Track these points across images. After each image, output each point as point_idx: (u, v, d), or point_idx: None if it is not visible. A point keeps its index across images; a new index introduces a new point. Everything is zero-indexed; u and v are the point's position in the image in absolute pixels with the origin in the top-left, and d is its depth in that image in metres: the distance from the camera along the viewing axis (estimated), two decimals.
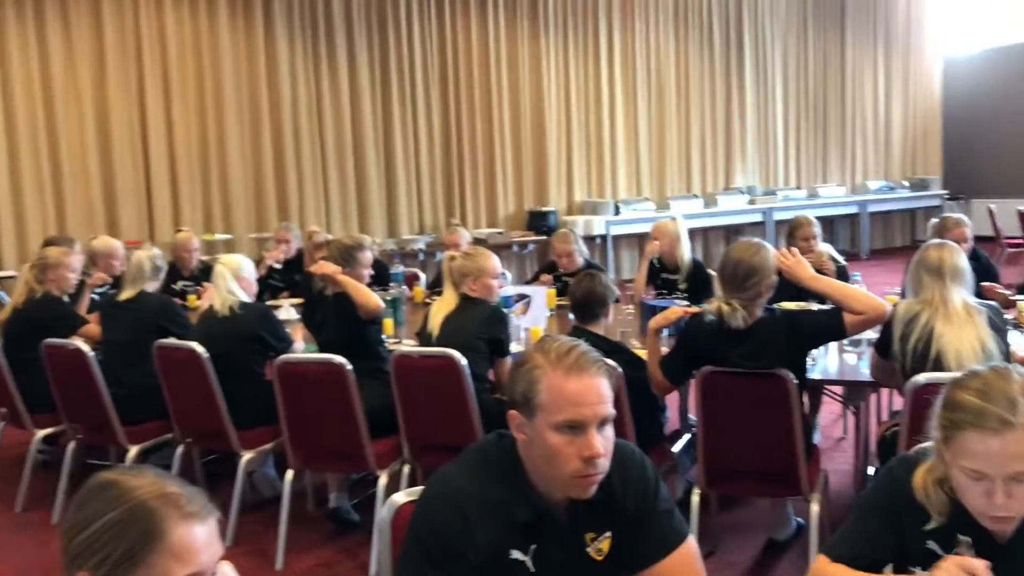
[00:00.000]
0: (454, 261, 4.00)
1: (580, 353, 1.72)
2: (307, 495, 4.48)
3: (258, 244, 9.01)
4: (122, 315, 4.54)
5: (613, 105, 11.54)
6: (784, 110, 13.17)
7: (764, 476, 3.44)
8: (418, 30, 10.07)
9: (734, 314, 3.26)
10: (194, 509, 1.32)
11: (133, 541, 1.26)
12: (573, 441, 1.68)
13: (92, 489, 1.33)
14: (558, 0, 11.02)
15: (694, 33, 12.17)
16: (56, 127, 8.33)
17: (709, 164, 12.51)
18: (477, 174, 10.62)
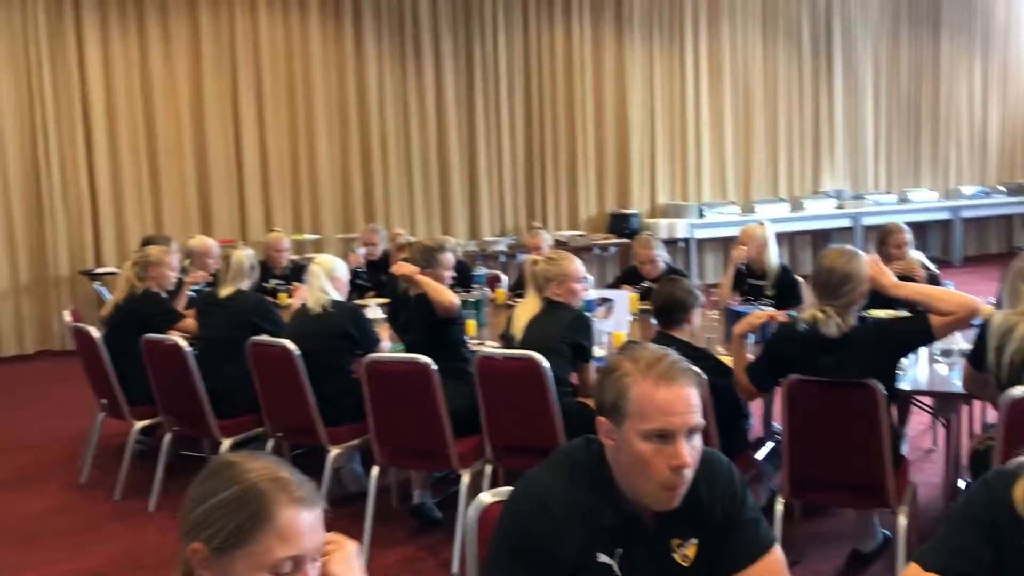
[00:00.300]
0: (537, 265, 4.02)
1: (671, 362, 1.74)
2: (392, 491, 4.57)
3: (345, 244, 9.20)
4: (219, 312, 4.71)
5: (698, 106, 11.43)
6: (875, 112, 12.86)
7: (850, 486, 3.39)
8: (503, 33, 10.15)
9: (828, 322, 3.23)
10: (302, 495, 1.39)
11: (243, 519, 1.35)
12: (662, 450, 1.70)
13: (213, 468, 1.42)
14: (643, 1, 10.97)
15: (782, 33, 11.98)
16: (155, 130, 8.65)
17: (796, 167, 12.29)
18: (559, 176, 10.64)
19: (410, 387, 3.79)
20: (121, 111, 8.50)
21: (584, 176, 10.76)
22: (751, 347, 4.12)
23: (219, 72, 8.83)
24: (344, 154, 9.43)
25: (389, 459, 4.06)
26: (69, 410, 6.54)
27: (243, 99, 8.94)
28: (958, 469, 4.08)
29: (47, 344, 8.48)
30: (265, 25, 8.97)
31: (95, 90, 8.38)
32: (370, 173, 9.56)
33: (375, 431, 3.97)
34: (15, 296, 8.28)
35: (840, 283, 3.25)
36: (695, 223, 10.69)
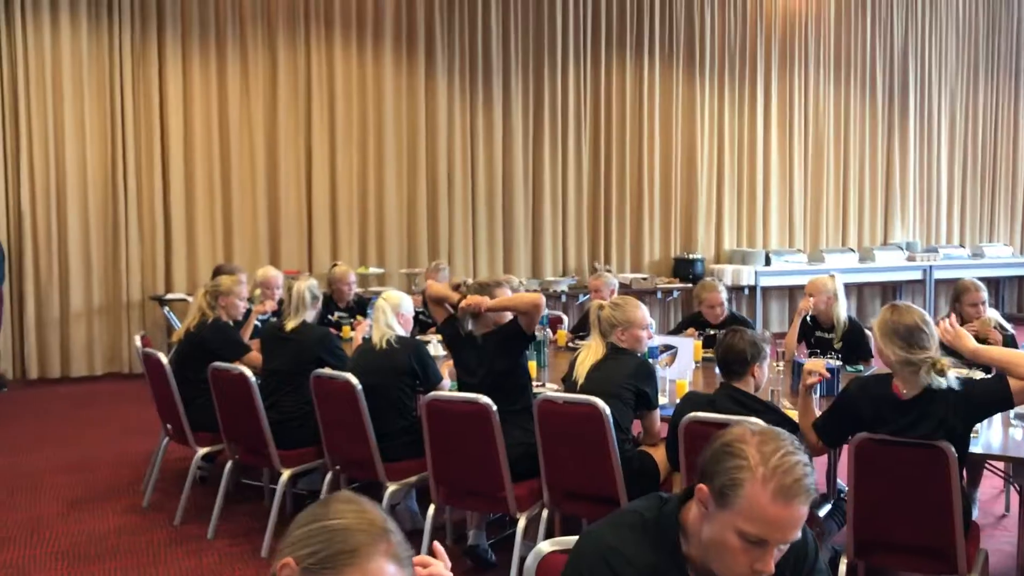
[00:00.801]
0: (603, 311, 4.01)
1: (796, 478, 1.63)
2: (447, 530, 4.56)
3: (408, 279, 9.29)
4: (284, 344, 4.77)
5: (768, 152, 11.35)
6: (949, 162, 12.63)
7: (918, 550, 3.29)
8: (573, 73, 10.22)
9: (917, 377, 3.12)
10: (400, 553, 1.43)
11: (340, 550, 1.39)
12: (750, 551, 1.65)
13: (334, 497, 1.48)
14: (716, 44, 10.97)
15: (855, 80, 11.86)
16: (229, 160, 8.87)
17: (867, 217, 12.10)
18: (624, 218, 10.62)
19: (469, 427, 3.78)
20: (197, 141, 8.74)
21: (649, 219, 10.72)
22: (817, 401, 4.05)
23: (293, 105, 9.04)
24: (411, 189, 9.55)
25: (445, 498, 4.05)
26: (135, 432, 6.68)
27: (316, 132, 9.13)
28: None
29: (116, 367, 8.69)
30: (340, 61, 9.17)
31: (173, 119, 8.63)
32: (436, 209, 9.66)
33: (432, 469, 3.97)
34: (88, 318, 8.51)
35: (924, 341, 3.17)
36: (761, 270, 10.57)
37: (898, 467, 3.15)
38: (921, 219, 12.49)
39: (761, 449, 1.65)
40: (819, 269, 10.15)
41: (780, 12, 11.33)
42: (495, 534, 4.49)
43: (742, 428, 1.71)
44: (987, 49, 12.76)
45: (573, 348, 5.81)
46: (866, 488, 3.24)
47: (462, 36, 9.68)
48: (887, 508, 3.24)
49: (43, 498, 5.27)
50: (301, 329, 4.77)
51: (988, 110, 12.86)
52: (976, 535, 3.40)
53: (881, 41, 11.99)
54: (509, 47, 9.89)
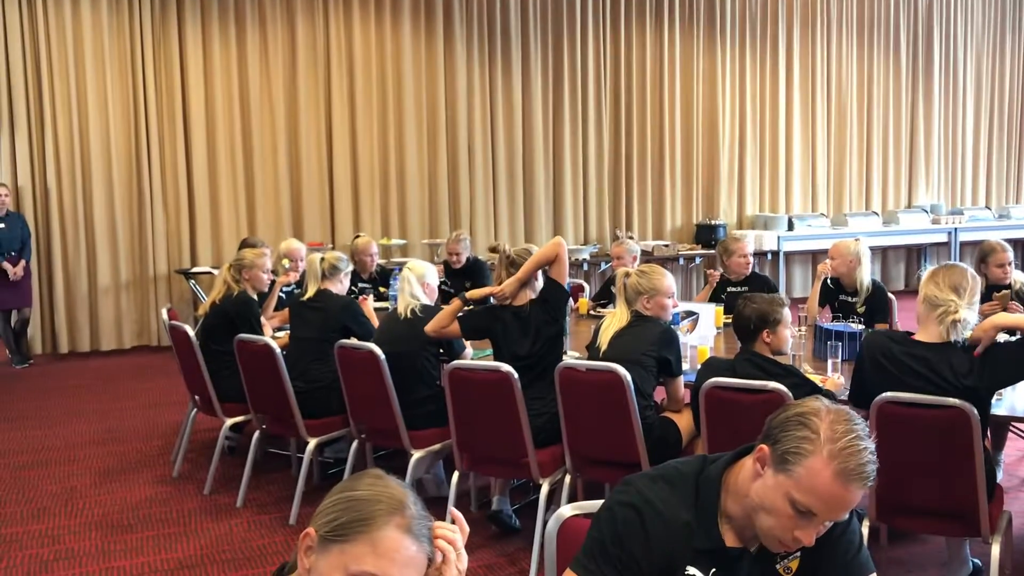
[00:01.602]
0: (629, 278, 4.01)
1: (861, 463, 1.64)
2: (471, 496, 4.62)
3: (431, 249, 9.32)
4: (309, 314, 4.83)
5: (790, 117, 11.25)
6: (975, 124, 12.46)
7: (941, 513, 3.29)
8: (592, 40, 10.15)
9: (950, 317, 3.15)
10: (415, 528, 1.43)
11: (354, 518, 1.41)
12: (797, 520, 1.68)
13: (363, 473, 1.50)
14: (736, 9, 10.85)
15: (879, 42, 11.70)
16: (250, 134, 8.91)
17: (891, 180, 11.98)
18: (645, 185, 10.59)
19: (493, 395, 3.82)
20: (219, 115, 8.78)
21: (671, 186, 10.68)
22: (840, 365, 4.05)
23: (313, 78, 9.05)
24: (432, 160, 9.56)
25: (469, 465, 4.10)
26: (164, 404, 6.79)
27: (336, 104, 9.14)
28: None
29: (144, 340, 8.81)
30: (359, 32, 9.16)
31: (194, 94, 8.67)
32: (457, 179, 9.67)
33: (456, 437, 4.01)
34: (115, 292, 8.62)
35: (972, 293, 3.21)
36: (784, 235, 10.52)
37: (920, 429, 3.15)
38: (945, 181, 12.35)
39: (833, 427, 1.67)
40: (842, 233, 10.08)
41: None
42: (519, 500, 4.55)
43: (819, 403, 1.73)
44: (1014, 7, 12.52)
45: (595, 316, 5.84)
46: (888, 450, 3.22)
47: (480, 5, 9.62)
48: (909, 470, 3.24)
49: (76, 470, 5.38)
50: (324, 298, 4.82)
51: (1016, 69, 12.65)
52: (1000, 498, 3.40)
53: (905, 2, 11.79)
54: (528, 15, 9.83)
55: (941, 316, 3.17)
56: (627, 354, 3.79)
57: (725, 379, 3.45)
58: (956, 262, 3.37)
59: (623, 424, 3.68)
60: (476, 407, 3.91)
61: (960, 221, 11.43)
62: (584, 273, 9.67)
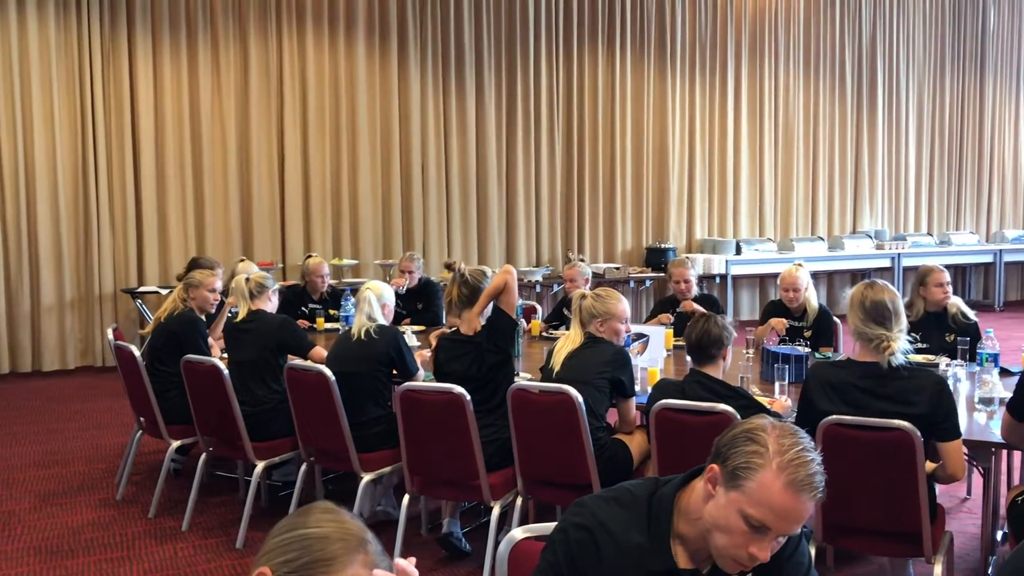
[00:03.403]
0: (584, 300, 4.04)
1: (810, 473, 1.68)
2: (421, 519, 4.59)
3: (383, 270, 9.29)
4: (244, 336, 4.76)
5: (738, 143, 11.44)
6: (916, 153, 12.79)
7: (885, 534, 3.35)
8: (545, 65, 10.24)
9: (888, 352, 3.21)
10: (380, 563, 1.41)
11: (316, 558, 1.38)
12: (751, 536, 1.69)
13: (312, 507, 1.46)
14: (687, 37, 11.03)
15: (825, 72, 11.97)
16: (201, 152, 8.82)
17: (836, 206, 12.24)
18: (597, 208, 10.68)
19: (444, 417, 3.81)
20: (169, 134, 8.68)
21: (622, 209, 10.78)
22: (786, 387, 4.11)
23: (265, 96, 9.00)
24: (385, 180, 9.55)
25: (420, 488, 4.07)
26: (108, 426, 6.65)
27: (288, 124, 9.09)
28: (996, 519, 4.02)
29: (88, 360, 8.63)
30: (312, 52, 9.14)
31: (144, 112, 8.57)
32: (410, 200, 9.66)
33: (407, 460, 3.99)
34: (59, 311, 8.45)
35: (898, 316, 3.28)
36: (732, 259, 10.67)
37: (865, 451, 3.21)
38: (889, 208, 12.65)
39: (781, 441, 1.70)
40: (789, 257, 10.26)
41: (750, 5, 11.40)
42: (469, 523, 4.53)
43: (764, 420, 1.76)
44: (953, 41, 12.92)
45: (548, 338, 5.86)
46: (834, 472, 3.27)
47: (434, 28, 9.67)
48: (855, 492, 3.30)
49: (16, 493, 5.24)
50: (258, 318, 4.76)
51: (955, 101, 13.03)
52: (942, 518, 3.47)
53: (850, 33, 12.10)
54: (482, 39, 9.89)
55: (875, 347, 3.25)
56: (580, 375, 3.81)
57: (675, 401, 3.48)
58: (875, 282, 3.41)
59: (575, 445, 3.69)
60: (427, 429, 3.89)
61: (903, 247, 11.71)
62: (537, 295, 9.71)
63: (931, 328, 4.91)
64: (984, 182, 13.35)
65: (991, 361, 4.25)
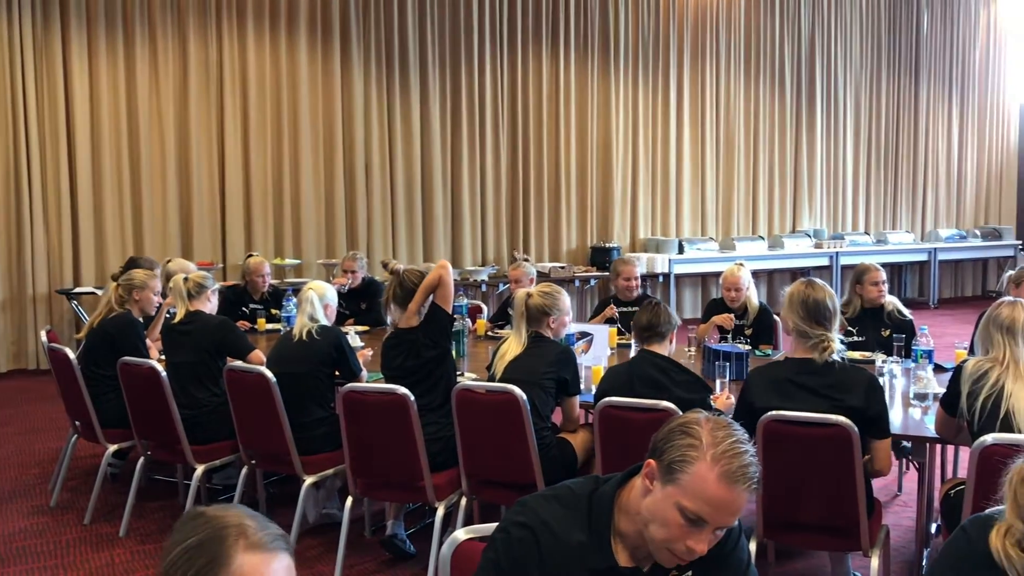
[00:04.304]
0: (531, 299, 4.04)
1: (743, 464, 1.69)
2: (365, 522, 4.55)
3: (327, 270, 9.20)
4: (181, 338, 4.66)
5: (680, 144, 11.56)
6: (854, 154, 13.05)
7: (824, 529, 3.41)
8: (490, 65, 10.23)
9: (827, 351, 3.30)
10: (261, 541, 1.38)
11: (202, 565, 1.34)
12: (688, 529, 1.70)
13: (186, 518, 1.42)
14: (629, 39, 11.11)
15: (765, 75, 12.15)
16: (138, 150, 8.64)
17: (776, 206, 12.43)
18: (542, 208, 10.70)
19: (387, 418, 3.78)
20: (105, 132, 8.48)
21: (567, 209, 10.82)
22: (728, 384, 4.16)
23: (205, 96, 8.85)
24: (328, 179, 9.45)
25: (364, 490, 4.04)
26: (42, 430, 6.48)
27: (228, 123, 8.95)
28: (930, 513, 4.11)
29: (21, 363, 8.41)
30: (253, 50, 9.01)
31: (79, 108, 8.37)
32: (354, 199, 9.58)
33: (350, 462, 3.95)
34: None
35: (834, 314, 3.38)
36: (675, 258, 10.78)
37: (804, 447, 3.26)
38: (828, 208, 12.89)
39: (714, 433, 1.72)
40: (730, 257, 10.40)
41: (692, 7, 11.53)
42: (414, 524, 4.50)
43: (698, 414, 1.78)
44: (889, 45, 13.20)
45: (493, 337, 5.85)
46: (774, 468, 3.33)
47: (378, 28, 9.60)
48: (795, 488, 3.35)
49: None
50: (196, 319, 4.67)
51: (891, 103, 13.32)
52: (878, 512, 3.54)
53: (789, 36, 12.30)
54: (426, 39, 9.85)
55: (815, 346, 3.33)
56: (527, 375, 3.81)
57: (619, 399, 3.51)
58: (814, 281, 3.52)
59: (520, 445, 3.69)
60: (371, 430, 3.86)
61: (841, 246, 11.95)
62: (483, 294, 9.70)
63: (867, 324, 5.06)
64: (919, 183, 13.68)
65: (925, 358, 4.35)
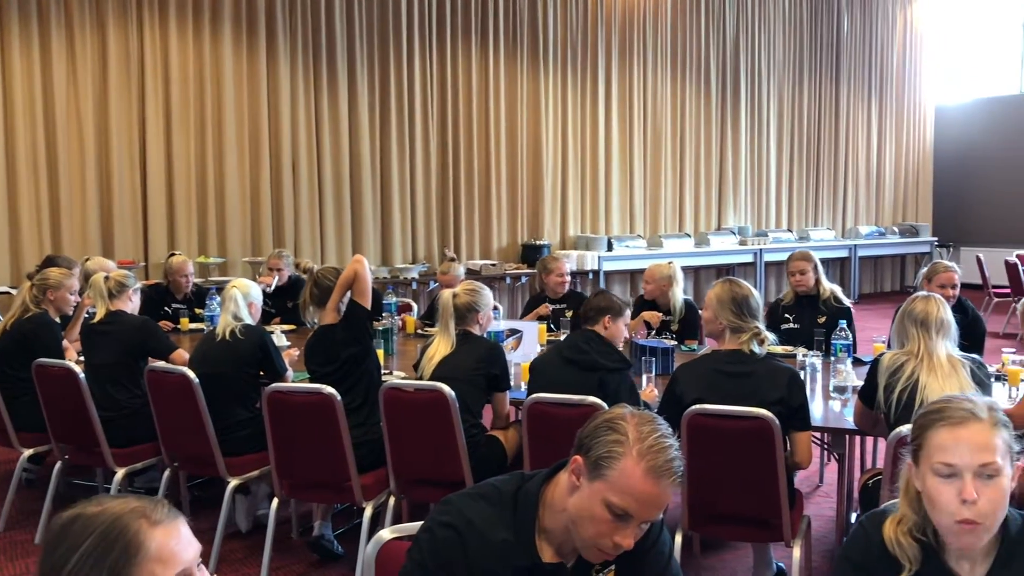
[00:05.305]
0: (458, 298, 4.03)
1: (669, 459, 1.71)
2: (292, 523, 4.48)
3: (252, 268, 9.04)
4: (101, 339, 4.54)
5: (609, 143, 11.65)
6: (777, 153, 13.33)
7: (747, 520, 3.47)
8: (419, 62, 10.17)
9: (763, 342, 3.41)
10: (162, 516, 1.35)
11: (114, 560, 1.29)
12: (614, 524, 1.71)
13: (58, 529, 1.34)
14: (559, 38, 11.15)
15: (691, 76, 12.32)
16: (56, 145, 8.36)
17: (702, 204, 12.62)
18: (473, 206, 10.68)
19: (313, 418, 3.73)
20: (19, 126, 8.18)
21: (497, 206, 10.82)
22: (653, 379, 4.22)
23: (126, 89, 8.60)
24: (254, 176, 9.28)
25: (290, 491, 3.98)
26: None
27: (150, 116, 8.72)
28: (850, 503, 4.22)
29: None
30: (176, 42, 8.79)
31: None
32: (280, 196, 9.43)
33: (276, 463, 3.89)
34: None
35: (758, 309, 3.48)
36: (604, 255, 10.87)
37: (727, 439, 3.31)
38: (752, 205, 13.14)
39: (640, 428, 1.73)
40: (658, 254, 10.52)
41: (619, 7, 11.62)
42: (342, 525, 4.46)
43: (624, 409, 1.79)
44: (811, 46, 13.51)
45: (423, 335, 5.82)
46: (699, 461, 3.38)
47: (305, 21, 9.46)
48: (719, 480, 3.40)
49: None
50: (117, 319, 4.55)
51: (812, 104, 13.64)
52: (800, 503, 3.62)
53: (715, 37, 12.50)
54: (354, 33, 9.74)
55: (750, 337, 3.41)
56: (457, 372, 3.81)
57: (547, 395, 3.53)
58: (737, 280, 3.64)
59: (448, 443, 3.68)
60: (296, 431, 3.80)
61: (765, 243, 12.20)
62: (413, 292, 9.64)
63: (804, 310, 5.21)
64: (840, 181, 14.03)
65: (845, 351, 4.46)
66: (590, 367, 3.65)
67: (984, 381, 3.29)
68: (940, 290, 4.64)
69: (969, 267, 10.98)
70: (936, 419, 1.77)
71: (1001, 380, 4.17)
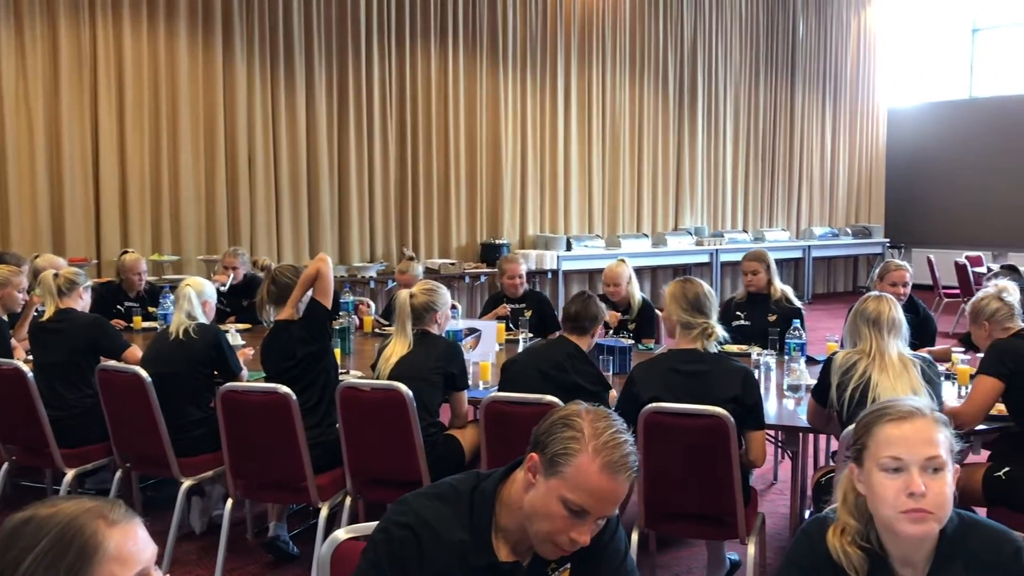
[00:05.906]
0: (415, 298, 4.01)
1: (624, 454, 1.72)
2: (247, 524, 4.44)
3: (207, 266, 8.93)
4: (51, 337, 4.45)
5: (568, 143, 11.68)
6: (733, 155, 13.46)
7: (703, 518, 3.50)
8: (377, 61, 10.11)
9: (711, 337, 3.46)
10: (119, 516, 1.33)
11: (71, 562, 1.26)
12: (571, 521, 1.72)
13: (11, 530, 1.30)
14: (518, 38, 11.16)
15: (649, 77, 12.40)
16: (4, 139, 8.18)
17: (660, 205, 12.72)
18: (431, 205, 10.65)
19: (268, 418, 3.69)
20: None
21: (456, 205, 10.80)
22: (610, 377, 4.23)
23: (78, 84, 8.44)
24: (209, 174, 9.16)
25: (244, 491, 3.94)
26: None
27: (103, 112, 8.57)
28: (804, 500, 4.27)
29: None
30: (129, 37, 8.65)
31: None
32: (236, 194, 9.32)
33: (230, 463, 3.85)
34: None
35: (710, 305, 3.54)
36: (563, 255, 10.90)
37: (683, 438, 3.34)
38: (708, 206, 13.26)
39: (595, 425, 1.74)
40: (616, 253, 10.56)
41: (579, 8, 11.66)
42: (298, 525, 4.42)
43: (579, 406, 1.80)
44: (767, 49, 13.67)
45: (380, 334, 5.79)
46: (655, 459, 3.41)
47: (262, 18, 9.35)
48: (674, 478, 3.43)
49: None
50: (67, 317, 4.47)
51: (768, 106, 13.80)
52: (754, 501, 3.66)
53: (672, 38, 12.59)
54: (312, 31, 9.65)
55: (700, 333, 3.44)
56: (415, 371, 3.80)
57: (504, 394, 3.53)
58: (691, 278, 3.69)
59: (405, 442, 3.67)
60: (251, 431, 3.76)
61: (721, 243, 12.32)
62: (371, 291, 9.59)
63: (755, 309, 5.28)
64: (795, 183, 14.22)
65: (798, 350, 4.51)
66: (569, 387, 3.59)
67: (934, 379, 3.35)
68: (892, 288, 4.73)
69: (920, 268, 11.15)
70: (881, 415, 1.80)
71: (951, 379, 4.24)
